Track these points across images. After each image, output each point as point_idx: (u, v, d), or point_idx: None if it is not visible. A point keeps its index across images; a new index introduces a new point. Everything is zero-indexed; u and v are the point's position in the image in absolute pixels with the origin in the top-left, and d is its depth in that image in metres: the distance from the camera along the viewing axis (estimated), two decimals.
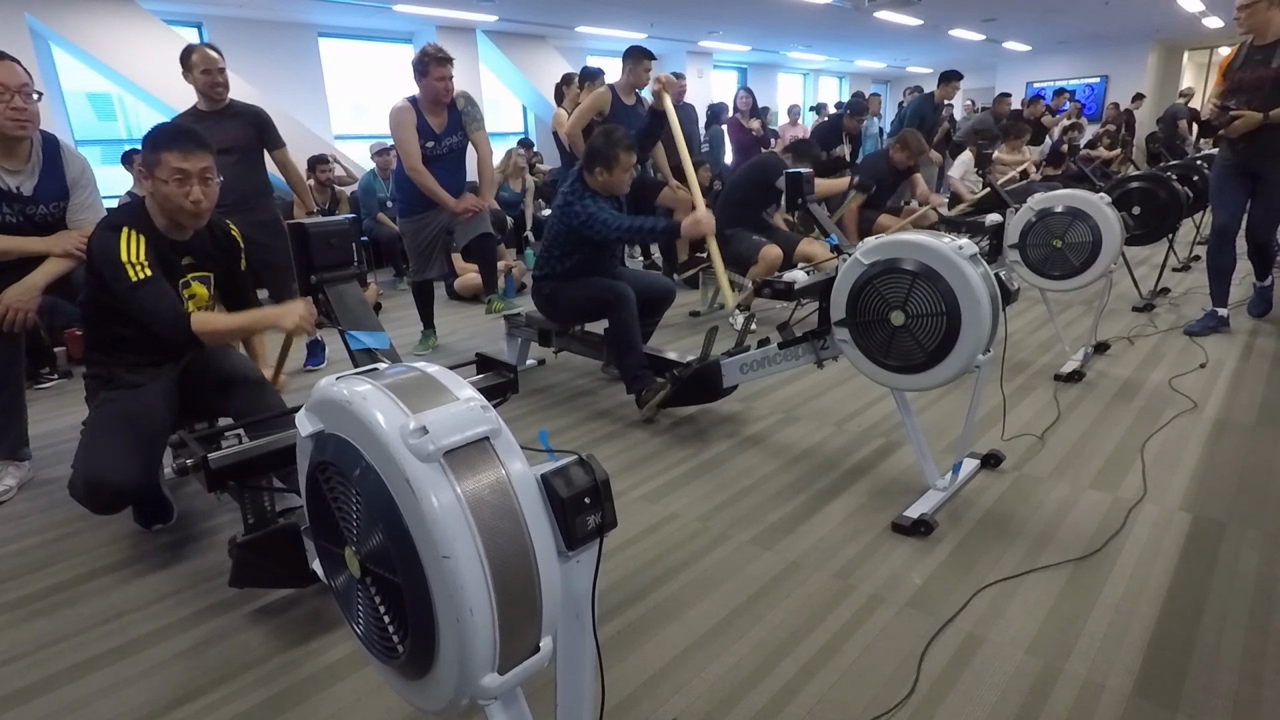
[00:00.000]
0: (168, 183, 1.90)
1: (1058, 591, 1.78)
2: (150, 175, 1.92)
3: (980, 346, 1.98)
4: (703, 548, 2.04)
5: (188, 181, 1.91)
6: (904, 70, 16.54)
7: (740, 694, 1.50)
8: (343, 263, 2.22)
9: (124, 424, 1.95)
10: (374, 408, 0.86)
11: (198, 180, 1.92)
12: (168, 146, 1.89)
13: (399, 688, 0.98)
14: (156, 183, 1.91)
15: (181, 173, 1.90)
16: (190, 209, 1.93)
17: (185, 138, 1.92)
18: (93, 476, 1.83)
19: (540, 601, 0.88)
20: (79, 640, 1.74)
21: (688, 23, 9.78)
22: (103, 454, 1.87)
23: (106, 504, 1.89)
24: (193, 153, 1.91)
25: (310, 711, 1.49)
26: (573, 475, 0.92)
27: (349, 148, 8.16)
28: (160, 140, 1.91)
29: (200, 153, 1.92)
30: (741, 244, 4.21)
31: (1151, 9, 10.09)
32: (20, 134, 2.29)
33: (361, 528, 0.91)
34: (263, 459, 1.64)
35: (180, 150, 1.89)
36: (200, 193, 1.93)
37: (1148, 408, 2.90)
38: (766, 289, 2.67)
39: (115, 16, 6.47)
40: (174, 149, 1.89)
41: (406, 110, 3.51)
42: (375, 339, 2.07)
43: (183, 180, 1.90)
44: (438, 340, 4.21)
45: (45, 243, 2.40)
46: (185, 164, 1.89)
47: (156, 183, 1.91)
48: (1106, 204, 3.26)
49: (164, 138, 1.92)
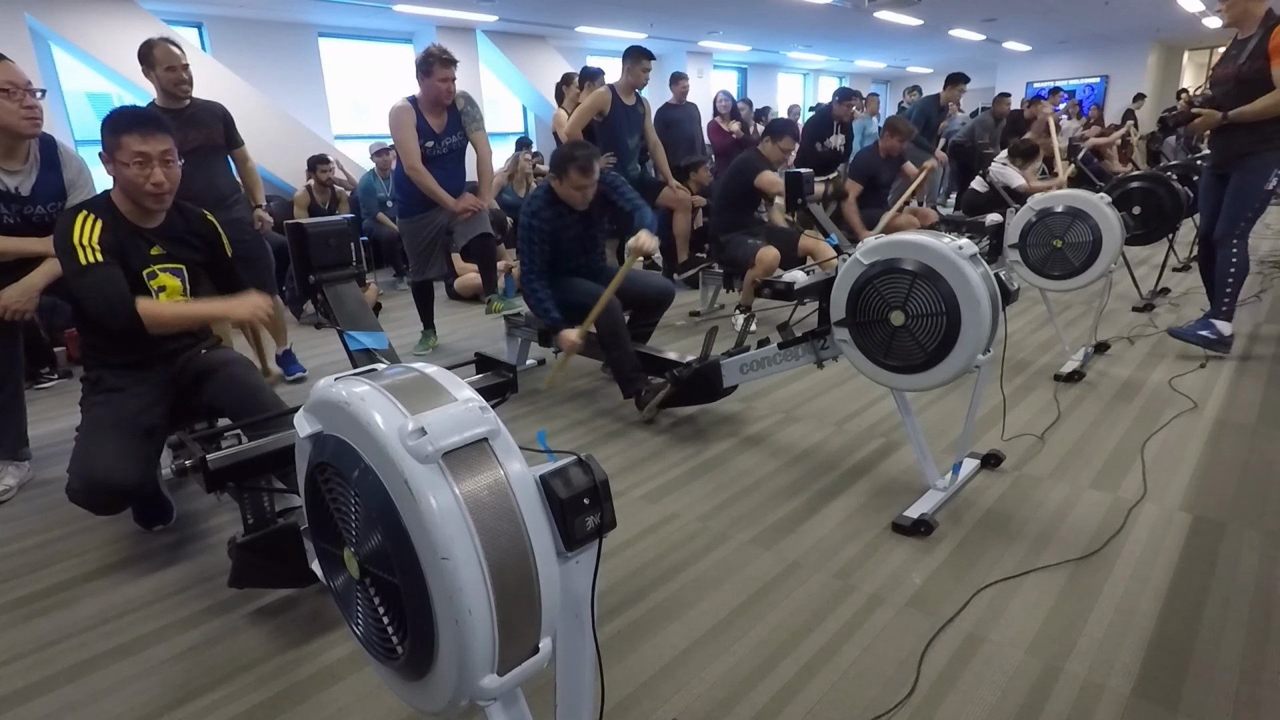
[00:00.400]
0: (129, 166, 1.90)
1: (1058, 591, 1.78)
2: (112, 159, 1.92)
3: (980, 346, 1.97)
4: (703, 548, 2.04)
5: (149, 164, 1.90)
6: (904, 70, 16.52)
7: (740, 694, 1.50)
8: (341, 263, 2.22)
9: (115, 425, 1.95)
10: (372, 409, 0.86)
11: (159, 163, 1.92)
12: (127, 129, 1.89)
13: (398, 688, 0.98)
14: (118, 166, 1.91)
15: (142, 155, 1.89)
16: (152, 191, 1.93)
17: (145, 120, 1.91)
18: (90, 478, 1.83)
19: (539, 602, 0.87)
20: (79, 640, 1.74)
21: (688, 23, 9.78)
22: (98, 456, 1.87)
23: (107, 504, 1.89)
24: (153, 135, 1.90)
25: (310, 711, 1.49)
26: (572, 476, 0.92)
27: (349, 148, 8.15)
28: (120, 123, 1.90)
29: (160, 135, 1.92)
30: (738, 249, 4.20)
31: (1151, 9, 10.09)
32: (34, 132, 2.30)
33: (360, 529, 0.91)
34: (262, 459, 1.64)
35: (140, 133, 1.89)
36: (162, 174, 1.93)
37: (1148, 408, 2.90)
38: (766, 289, 2.67)
39: (115, 16, 6.47)
40: (134, 131, 1.88)
41: (406, 110, 3.51)
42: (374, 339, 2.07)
43: (144, 163, 1.90)
44: (437, 340, 4.21)
45: (43, 243, 2.40)
46: (145, 146, 1.89)
47: (118, 166, 1.91)
48: (1106, 204, 3.26)
49: (123, 121, 1.91)
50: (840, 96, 6.28)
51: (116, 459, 1.86)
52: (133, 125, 1.89)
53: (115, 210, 1.98)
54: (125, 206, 1.99)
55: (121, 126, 1.89)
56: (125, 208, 1.99)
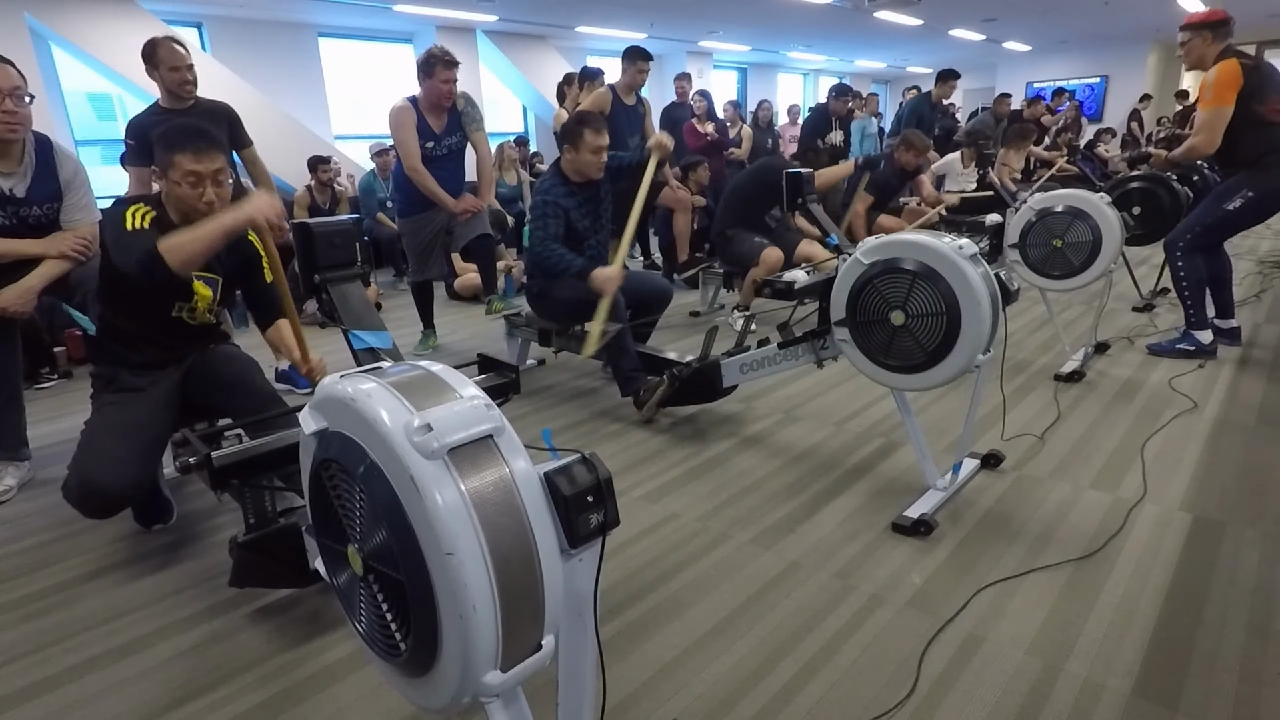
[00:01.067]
0: (180, 184, 1.88)
1: (1058, 591, 1.79)
2: (164, 176, 1.91)
3: (980, 346, 1.98)
4: (703, 548, 2.04)
5: (200, 183, 1.89)
6: (904, 70, 16.54)
7: (740, 694, 1.50)
8: (346, 262, 2.22)
9: (123, 429, 1.94)
10: (378, 405, 0.86)
11: (211, 182, 1.90)
12: (181, 148, 1.87)
13: (400, 686, 0.98)
14: (170, 184, 1.90)
15: (195, 175, 1.88)
16: (204, 210, 1.91)
17: (199, 138, 1.90)
18: (86, 480, 1.83)
19: (543, 599, 0.88)
20: (79, 640, 1.73)
21: (688, 23, 9.79)
22: (98, 458, 1.87)
23: (98, 508, 1.88)
24: (205, 154, 1.89)
25: (310, 711, 1.49)
26: (576, 473, 0.93)
27: (349, 148, 8.16)
28: (174, 141, 1.89)
29: (213, 153, 1.90)
30: (743, 245, 4.21)
31: (1151, 9, 10.10)
32: (10, 137, 2.28)
33: (365, 525, 0.91)
34: (266, 457, 1.64)
35: (193, 152, 1.87)
36: (213, 194, 1.92)
37: (1148, 408, 2.90)
38: (767, 289, 2.67)
39: (115, 16, 6.47)
40: (187, 150, 1.87)
41: (406, 110, 3.51)
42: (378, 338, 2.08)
43: (195, 182, 1.89)
44: (438, 340, 4.21)
45: (40, 245, 2.40)
46: (198, 166, 1.87)
47: (170, 184, 1.90)
48: (1106, 204, 3.26)
49: (177, 138, 1.89)
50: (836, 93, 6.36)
51: (116, 464, 1.86)
52: (186, 143, 1.88)
53: (165, 213, 1.96)
54: (174, 216, 1.97)
55: (175, 144, 1.88)
56: (175, 217, 1.97)
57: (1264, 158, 3.17)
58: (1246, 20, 11.13)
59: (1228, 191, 3.29)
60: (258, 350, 2.41)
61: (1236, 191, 3.25)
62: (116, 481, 1.84)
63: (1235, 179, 3.27)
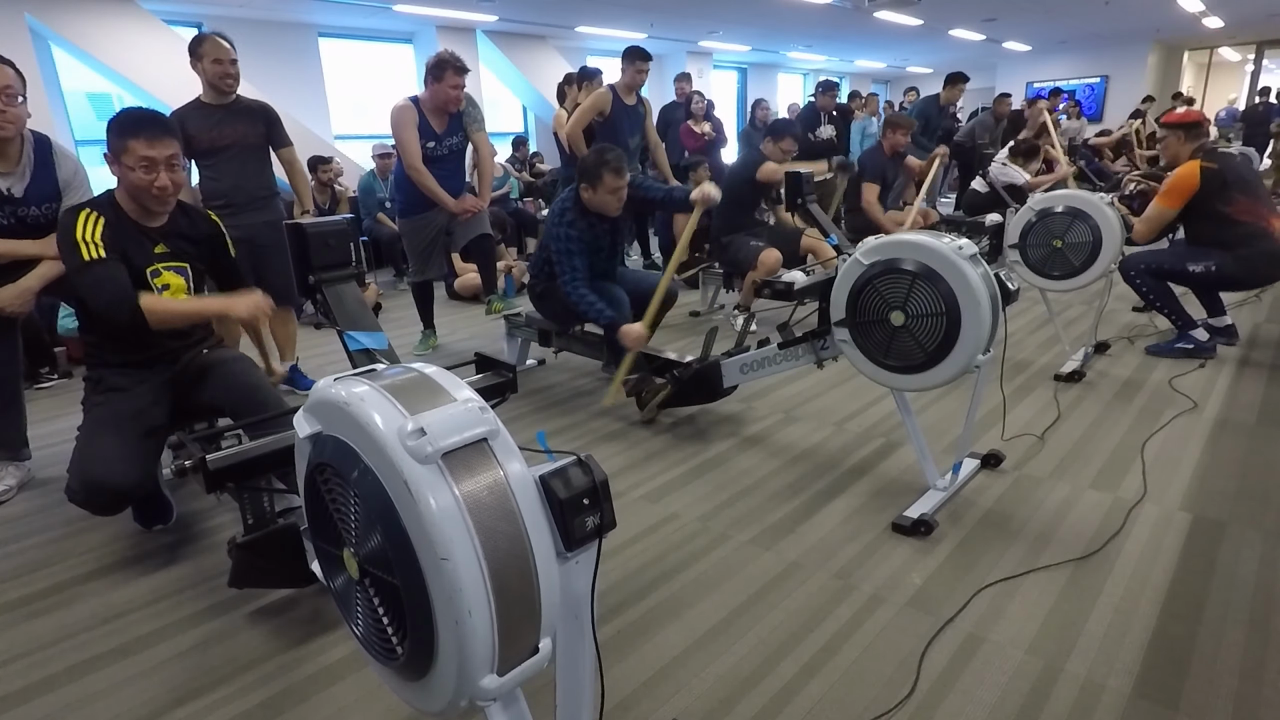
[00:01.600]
0: (134, 170, 1.90)
1: (1058, 591, 1.78)
2: (117, 161, 1.92)
3: (980, 346, 1.97)
4: (703, 548, 2.04)
5: (154, 169, 1.91)
6: (904, 70, 16.52)
7: (740, 694, 1.50)
8: (341, 263, 2.21)
9: (115, 425, 1.95)
10: (372, 409, 0.86)
11: (164, 167, 1.92)
12: (134, 133, 1.89)
13: (398, 689, 0.98)
14: (124, 169, 1.92)
15: (148, 160, 1.89)
16: (157, 195, 1.94)
17: (151, 124, 1.92)
18: (90, 479, 1.84)
19: (539, 602, 0.87)
20: (79, 640, 1.74)
21: (688, 23, 9.77)
22: (97, 456, 1.87)
23: (106, 505, 1.89)
24: (159, 139, 1.90)
25: (310, 711, 1.49)
26: (571, 476, 0.92)
27: (349, 148, 8.15)
28: (126, 127, 1.90)
29: (166, 139, 1.92)
30: (740, 250, 4.19)
31: (1151, 9, 10.08)
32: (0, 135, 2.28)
33: (360, 529, 0.91)
34: (262, 460, 1.64)
35: (146, 137, 1.89)
36: (167, 179, 1.93)
37: (1148, 408, 2.90)
38: (766, 289, 2.67)
39: (115, 16, 6.47)
40: (140, 136, 1.89)
41: (408, 109, 3.51)
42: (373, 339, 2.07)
43: (149, 167, 1.90)
44: (437, 340, 4.21)
45: (39, 245, 2.39)
46: (151, 151, 1.89)
47: (124, 169, 1.92)
48: (1106, 204, 3.26)
49: (130, 124, 1.91)
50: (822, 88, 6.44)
51: (115, 459, 1.87)
52: (139, 129, 1.89)
53: (119, 209, 1.99)
54: (129, 206, 2.00)
55: (128, 130, 1.89)
56: (129, 207, 2.00)
57: (1234, 249, 3.30)
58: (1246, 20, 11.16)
59: (1196, 255, 3.40)
60: (253, 350, 2.41)
61: (1204, 259, 3.37)
62: (118, 474, 1.85)
63: (1207, 249, 3.38)
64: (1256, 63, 13.88)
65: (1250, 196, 3.29)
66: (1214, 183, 3.26)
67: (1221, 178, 3.26)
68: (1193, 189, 3.30)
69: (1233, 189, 3.27)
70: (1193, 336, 3.46)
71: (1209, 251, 3.35)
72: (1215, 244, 3.34)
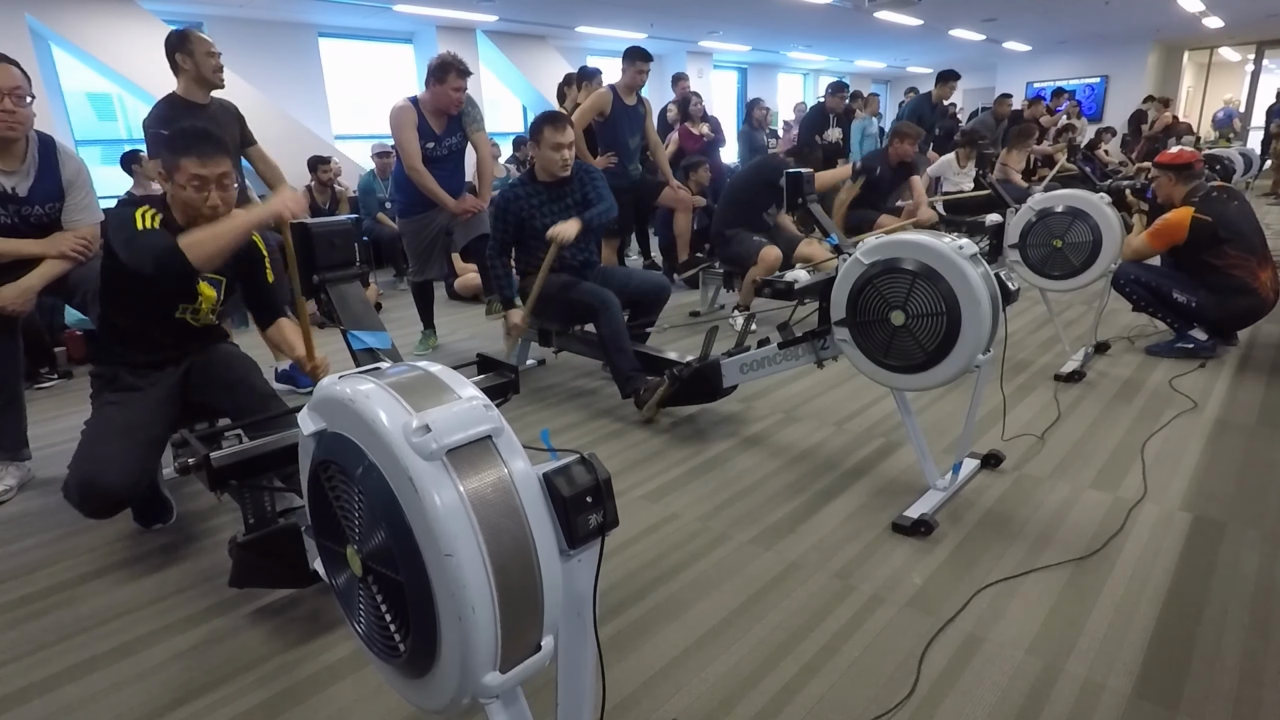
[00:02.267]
0: (185, 188, 1.89)
1: (1058, 591, 1.78)
2: (170, 179, 1.91)
3: (980, 346, 1.98)
4: (703, 548, 2.04)
5: (205, 187, 1.89)
6: (904, 70, 16.53)
7: (740, 694, 1.50)
8: (345, 263, 2.21)
9: (122, 429, 1.95)
10: (377, 406, 0.86)
11: (216, 186, 1.91)
12: (186, 152, 1.87)
13: (400, 687, 0.98)
14: (175, 187, 1.91)
15: (200, 179, 1.88)
16: (208, 214, 1.92)
17: (204, 142, 1.90)
18: (86, 480, 1.83)
19: (542, 600, 0.88)
20: (79, 640, 1.74)
21: (688, 23, 9.78)
22: (98, 458, 1.87)
23: (98, 509, 1.88)
24: (211, 158, 1.89)
25: (310, 711, 1.49)
26: (575, 474, 0.92)
27: (349, 148, 8.16)
28: (179, 145, 1.89)
29: (219, 157, 1.91)
30: (742, 244, 4.21)
31: (1151, 9, 10.10)
32: (9, 135, 2.28)
33: (364, 526, 0.91)
34: (265, 458, 1.64)
35: (199, 156, 1.87)
36: (218, 198, 1.92)
37: (1148, 408, 2.90)
38: (766, 289, 2.67)
39: (115, 16, 6.47)
40: (192, 155, 1.87)
41: (408, 110, 3.51)
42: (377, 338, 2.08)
43: (200, 186, 1.89)
44: (438, 340, 4.22)
45: (41, 245, 2.40)
46: (204, 170, 1.88)
47: (175, 187, 1.91)
48: (1106, 204, 3.26)
49: (183, 142, 1.89)
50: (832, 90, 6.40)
51: (115, 463, 1.86)
52: (191, 147, 1.88)
53: (170, 216, 1.97)
54: (179, 218, 1.97)
55: (180, 148, 1.88)
56: (179, 219, 1.98)
57: (1217, 294, 3.33)
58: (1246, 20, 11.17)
59: (1183, 286, 3.43)
60: (257, 350, 2.41)
61: (1189, 292, 3.40)
62: (117, 481, 1.84)
63: (1194, 284, 3.40)
64: (1256, 63, 13.90)
65: (1242, 249, 3.29)
66: (1203, 235, 3.27)
67: (1213, 231, 3.26)
68: (1178, 240, 3.32)
69: (1224, 243, 3.27)
70: (1192, 336, 3.46)
71: (1195, 287, 3.39)
72: (1201, 284, 3.38)
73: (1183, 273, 3.46)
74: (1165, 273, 3.52)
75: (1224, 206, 3.31)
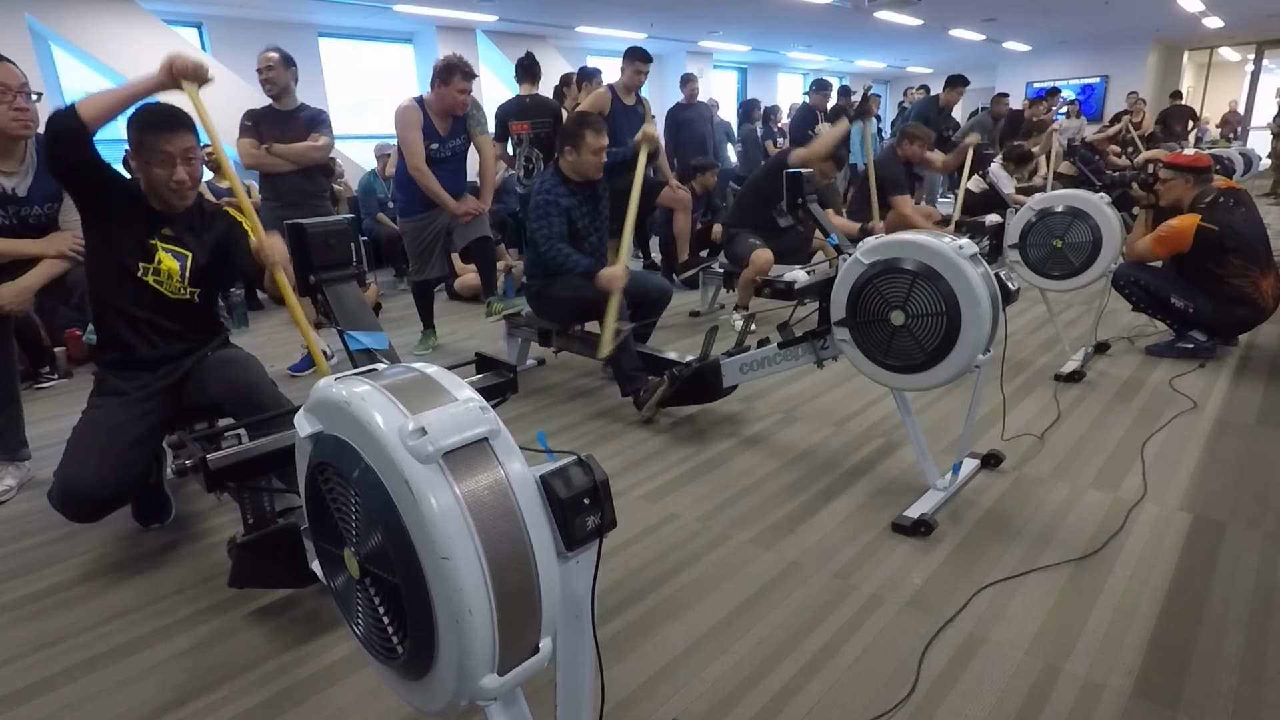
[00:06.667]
0: (151, 164, 1.94)
1: (1058, 591, 1.78)
2: (136, 157, 1.96)
3: (980, 346, 1.97)
4: (703, 548, 2.04)
5: (170, 163, 1.94)
6: (904, 70, 16.52)
7: (740, 694, 1.50)
8: (341, 263, 2.21)
9: (103, 433, 1.94)
10: (373, 408, 0.86)
11: (181, 161, 1.96)
12: (151, 129, 1.93)
13: (398, 688, 0.98)
14: (141, 164, 1.96)
15: (165, 155, 1.93)
16: (174, 188, 1.98)
17: (168, 119, 1.95)
18: (66, 485, 1.83)
19: (539, 602, 0.87)
20: (79, 640, 1.74)
21: (688, 23, 9.78)
22: (78, 464, 1.87)
23: (79, 513, 1.87)
24: (176, 134, 1.94)
25: (310, 711, 1.49)
26: (572, 476, 0.92)
27: (349, 148, 8.14)
28: (144, 123, 1.94)
29: (183, 133, 1.95)
30: (739, 244, 4.22)
31: (1151, 9, 10.09)
32: (24, 133, 2.29)
33: (360, 529, 0.91)
34: (262, 459, 1.64)
35: (163, 133, 1.92)
36: (184, 173, 1.97)
37: (1148, 408, 2.90)
38: (767, 289, 2.67)
39: (115, 16, 6.47)
40: (157, 132, 1.92)
41: (413, 110, 3.53)
42: (374, 339, 2.07)
43: (166, 161, 1.94)
44: (438, 340, 4.22)
45: (39, 244, 2.39)
46: (169, 146, 1.93)
47: (141, 164, 1.96)
48: (1106, 204, 3.26)
49: (147, 120, 1.94)
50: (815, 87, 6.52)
51: (95, 471, 1.85)
52: (156, 125, 1.93)
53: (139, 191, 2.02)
54: (157, 205, 2.04)
55: (145, 126, 1.93)
56: (157, 205, 2.04)
57: (1216, 301, 3.33)
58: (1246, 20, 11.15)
59: (1182, 291, 3.42)
60: (258, 350, 2.41)
61: (1188, 297, 3.40)
62: (95, 486, 1.84)
63: (1194, 289, 3.40)
64: (1256, 63, 13.89)
65: (1246, 258, 3.28)
66: (1208, 244, 3.27)
67: (1218, 240, 3.25)
68: (1182, 249, 3.32)
69: (1228, 253, 3.27)
70: (1192, 336, 3.46)
71: (1194, 293, 3.38)
72: (1200, 290, 3.37)
73: (1183, 278, 3.46)
74: (1165, 276, 3.52)
75: (1231, 215, 3.30)
